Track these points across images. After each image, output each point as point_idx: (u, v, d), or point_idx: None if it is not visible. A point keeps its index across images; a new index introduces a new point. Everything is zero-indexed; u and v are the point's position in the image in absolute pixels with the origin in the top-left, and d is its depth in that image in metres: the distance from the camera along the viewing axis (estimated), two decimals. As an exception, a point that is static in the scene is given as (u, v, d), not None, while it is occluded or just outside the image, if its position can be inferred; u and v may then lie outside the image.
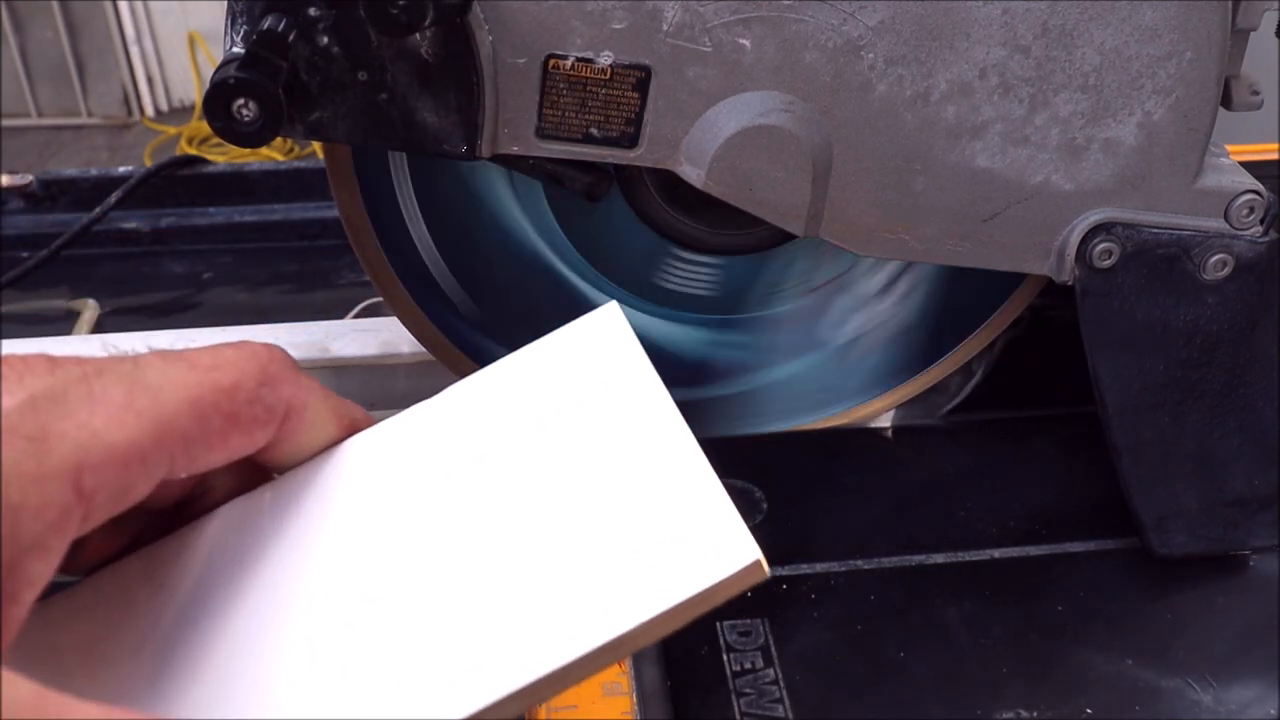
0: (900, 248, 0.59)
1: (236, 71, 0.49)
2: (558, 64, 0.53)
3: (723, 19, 0.52)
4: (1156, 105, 0.55)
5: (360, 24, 0.49)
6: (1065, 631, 0.59)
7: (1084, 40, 0.53)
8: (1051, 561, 0.64)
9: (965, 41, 0.53)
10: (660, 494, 0.35)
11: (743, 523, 0.34)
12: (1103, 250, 0.57)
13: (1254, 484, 0.62)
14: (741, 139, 0.54)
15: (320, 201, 1.01)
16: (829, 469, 0.71)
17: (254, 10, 0.49)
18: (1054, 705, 0.55)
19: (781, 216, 0.57)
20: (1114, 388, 0.60)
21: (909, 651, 0.58)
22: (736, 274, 0.69)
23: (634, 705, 0.51)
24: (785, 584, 0.61)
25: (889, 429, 0.74)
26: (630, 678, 0.53)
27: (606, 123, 0.54)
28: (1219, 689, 0.56)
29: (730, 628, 0.58)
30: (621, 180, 0.64)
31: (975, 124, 0.55)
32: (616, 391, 0.37)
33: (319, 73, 0.51)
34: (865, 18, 0.52)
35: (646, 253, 0.68)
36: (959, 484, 0.70)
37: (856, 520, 0.67)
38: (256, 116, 0.49)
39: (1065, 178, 0.56)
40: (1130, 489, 0.62)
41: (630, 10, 0.52)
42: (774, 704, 0.54)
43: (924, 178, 0.56)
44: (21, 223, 0.98)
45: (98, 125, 3.58)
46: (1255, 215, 0.58)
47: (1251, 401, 0.61)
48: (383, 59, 0.50)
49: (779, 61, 0.53)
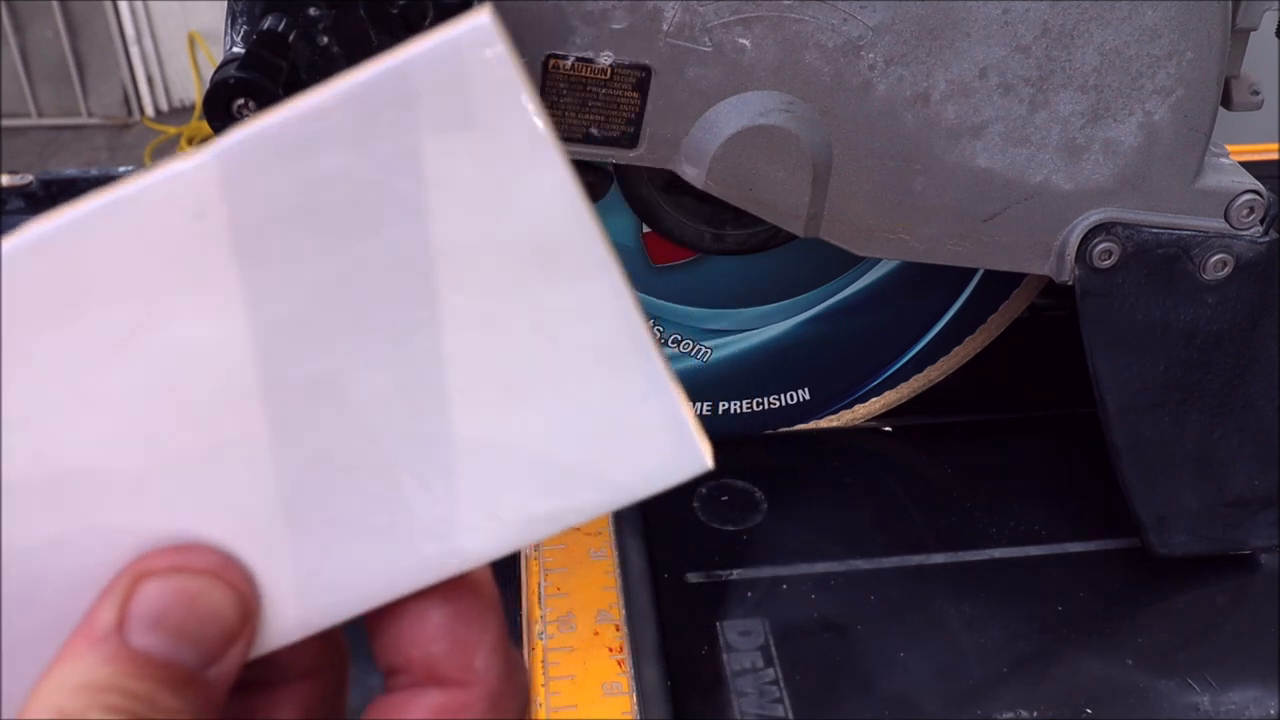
0: (900, 248, 0.59)
1: (236, 71, 0.49)
2: (558, 64, 0.53)
3: (723, 19, 0.52)
4: (1157, 105, 0.55)
5: (360, 24, 0.49)
6: (1065, 632, 0.59)
7: (1084, 40, 0.53)
8: (1051, 561, 0.64)
9: (965, 41, 0.53)
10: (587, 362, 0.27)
11: (689, 418, 0.28)
12: (1103, 250, 0.57)
13: (1254, 484, 0.62)
14: (741, 139, 0.54)
15: (320, 201, 1.01)
16: (829, 469, 0.71)
17: (254, 10, 0.49)
18: (1054, 705, 0.55)
19: (782, 217, 0.57)
20: (1114, 388, 0.60)
21: (909, 651, 0.58)
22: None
23: (634, 705, 0.51)
24: (785, 584, 0.61)
25: (889, 429, 0.74)
26: (630, 678, 0.53)
27: (606, 123, 0.54)
28: (1219, 689, 0.56)
29: (730, 628, 0.58)
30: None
31: (975, 124, 0.55)
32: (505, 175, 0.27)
33: (319, 73, 0.51)
34: (865, 18, 0.52)
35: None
36: (959, 484, 0.70)
37: (856, 520, 0.67)
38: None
39: (1065, 178, 0.56)
40: (1130, 489, 0.62)
41: (630, 10, 0.52)
42: (774, 704, 0.54)
43: (924, 178, 0.56)
44: (21, 223, 0.98)
45: (98, 125, 3.58)
46: (1255, 215, 0.58)
47: (1252, 401, 0.61)
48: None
49: (779, 61, 0.53)
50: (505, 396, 0.27)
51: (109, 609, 0.25)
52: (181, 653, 0.24)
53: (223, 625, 0.25)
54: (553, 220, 0.27)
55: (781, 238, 0.66)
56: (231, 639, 0.25)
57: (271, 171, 0.25)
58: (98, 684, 0.24)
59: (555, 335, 0.27)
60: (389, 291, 0.26)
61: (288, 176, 0.25)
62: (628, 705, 0.51)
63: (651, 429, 0.28)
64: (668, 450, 0.28)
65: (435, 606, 0.27)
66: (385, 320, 0.27)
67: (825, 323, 0.71)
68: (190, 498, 0.26)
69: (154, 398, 0.26)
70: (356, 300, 0.26)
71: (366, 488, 0.27)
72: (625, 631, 0.54)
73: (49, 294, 0.26)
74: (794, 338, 0.72)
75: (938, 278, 0.69)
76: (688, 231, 0.66)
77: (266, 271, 0.26)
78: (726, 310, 0.71)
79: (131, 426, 0.26)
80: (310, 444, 0.27)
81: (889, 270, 0.70)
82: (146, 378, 0.26)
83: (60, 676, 0.24)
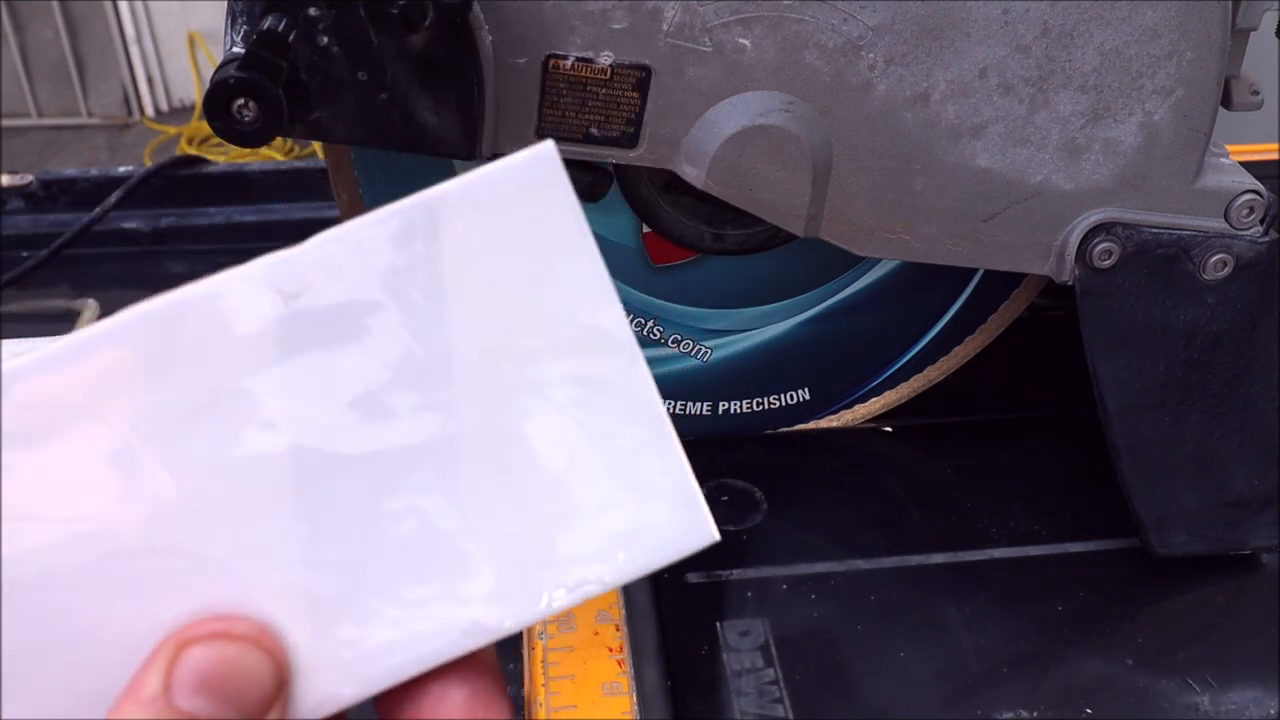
0: (900, 248, 0.59)
1: (236, 71, 0.49)
2: (558, 64, 0.53)
3: (723, 19, 0.52)
4: (1157, 105, 0.55)
5: (360, 24, 0.49)
6: (1065, 631, 0.59)
7: (1084, 40, 0.53)
8: (1051, 561, 0.64)
9: (965, 41, 0.53)
10: (607, 439, 0.29)
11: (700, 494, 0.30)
12: (1103, 250, 0.57)
13: (1254, 484, 0.62)
14: (741, 139, 0.54)
15: (320, 201, 1.01)
16: (829, 469, 0.71)
17: (254, 10, 0.49)
18: (1054, 705, 0.55)
19: (782, 217, 0.57)
20: (1114, 388, 0.60)
21: (909, 651, 0.58)
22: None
23: (634, 705, 0.51)
24: (785, 584, 0.61)
25: (889, 429, 0.74)
26: (630, 678, 0.53)
27: (607, 123, 0.54)
28: (1219, 689, 0.56)
29: (730, 628, 0.58)
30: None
31: (975, 124, 0.55)
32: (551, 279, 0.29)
33: (319, 73, 0.51)
34: (865, 18, 0.52)
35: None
36: (959, 484, 0.70)
37: (856, 520, 0.67)
38: (256, 116, 0.49)
39: (1065, 178, 0.56)
40: (1130, 489, 0.62)
41: (630, 10, 0.52)
42: (774, 704, 0.54)
43: (924, 178, 0.56)
44: (21, 223, 0.98)
45: (98, 125, 3.58)
46: (1255, 215, 0.58)
47: (1252, 401, 0.61)
48: (383, 59, 0.50)
49: (779, 61, 0.53)
50: (528, 474, 0.29)
51: (155, 675, 0.26)
52: (224, 714, 0.26)
53: (261, 689, 0.27)
54: (594, 317, 0.30)
55: (781, 238, 0.66)
56: (268, 703, 0.27)
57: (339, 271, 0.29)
58: None
59: (583, 419, 0.29)
60: (424, 377, 0.29)
61: (356, 272, 0.29)
62: (628, 705, 0.51)
63: (667, 505, 0.30)
64: (679, 524, 0.30)
65: (456, 685, 0.28)
66: (421, 400, 0.29)
67: (825, 323, 0.71)
68: (227, 572, 0.28)
69: (201, 475, 0.28)
70: (394, 383, 0.29)
71: (396, 563, 0.29)
72: (625, 631, 0.54)
73: (135, 365, 0.28)
74: (794, 338, 0.72)
75: (938, 278, 0.69)
76: (688, 231, 0.66)
77: (314, 361, 0.28)
78: (726, 310, 0.71)
79: (175, 504, 0.28)
80: (342, 520, 0.28)
81: (889, 270, 0.70)
82: (197, 456, 0.28)
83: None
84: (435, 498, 0.29)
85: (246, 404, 0.28)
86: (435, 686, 0.28)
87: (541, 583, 0.29)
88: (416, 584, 0.28)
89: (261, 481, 0.28)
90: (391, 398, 0.28)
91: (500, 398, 0.29)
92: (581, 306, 0.29)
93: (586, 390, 0.29)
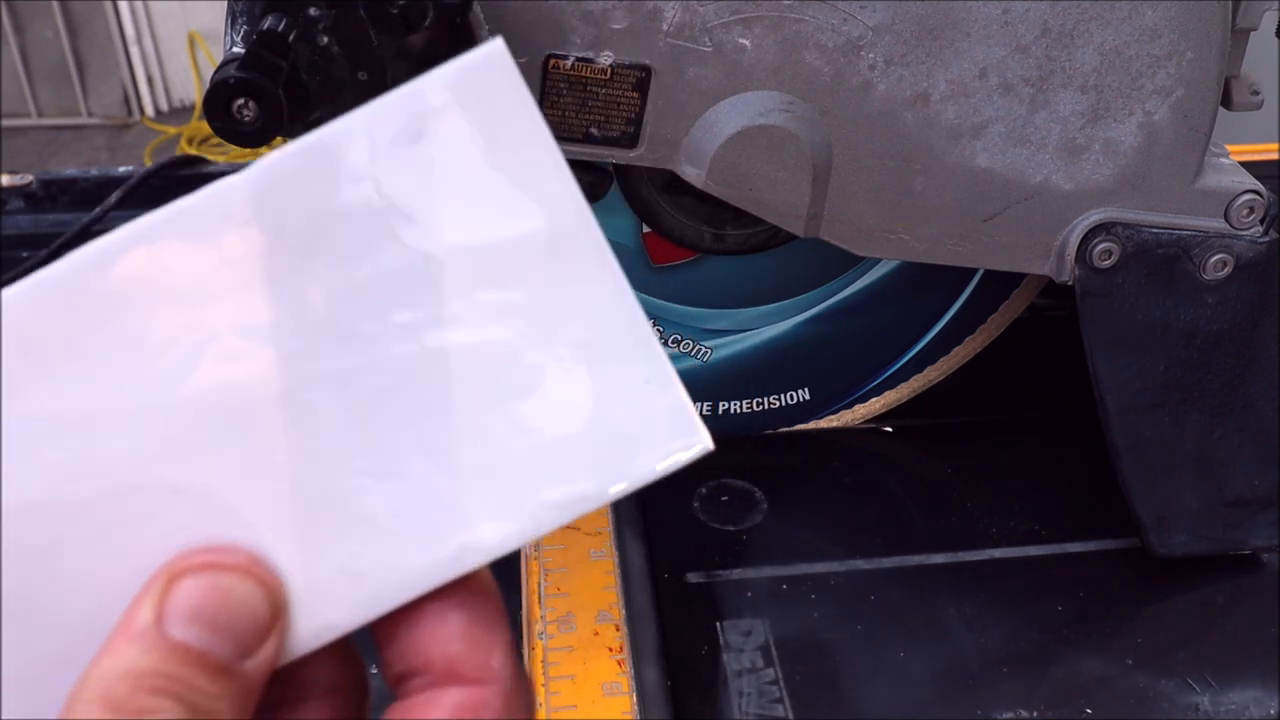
0: (900, 248, 0.59)
1: (236, 71, 0.49)
2: (558, 64, 0.53)
3: (723, 19, 0.52)
4: (1157, 105, 0.55)
5: (360, 24, 0.49)
6: (1065, 631, 0.59)
7: (1084, 40, 0.53)
8: (1051, 561, 0.64)
9: (965, 41, 0.53)
10: (587, 348, 0.28)
11: (688, 401, 0.29)
12: (1103, 250, 0.57)
13: (1254, 484, 0.62)
14: (741, 139, 0.54)
15: (320, 202, 1.01)
16: (829, 469, 0.71)
17: (254, 10, 0.49)
18: (1054, 705, 0.55)
19: (782, 217, 0.57)
20: (1114, 388, 0.60)
21: (909, 651, 0.58)
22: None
23: (634, 705, 0.51)
24: (785, 584, 0.61)
25: (889, 429, 0.74)
26: (630, 678, 0.53)
27: (607, 123, 0.54)
28: (1219, 689, 0.56)
29: (730, 628, 0.58)
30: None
31: (975, 124, 0.55)
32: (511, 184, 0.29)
33: (319, 73, 0.51)
34: (865, 18, 0.52)
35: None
36: (959, 484, 0.70)
37: (856, 520, 0.67)
38: (256, 116, 0.49)
39: (1065, 178, 0.56)
40: (1130, 489, 0.62)
41: (630, 10, 0.52)
42: (774, 704, 0.54)
43: (924, 178, 0.56)
44: (21, 223, 0.98)
45: (98, 125, 3.58)
46: (1255, 215, 0.58)
47: (1252, 401, 0.61)
48: (383, 59, 0.50)
49: (779, 61, 0.53)
50: (513, 388, 0.28)
51: (147, 606, 0.26)
52: (217, 644, 0.25)
53: (255, 619, 0.26)
54: (557, 220, 0.29)
55: (781, 238, 0.66)
56: (263, 633, 0.26)
57: (300, 186, 0.28)
58: (141, 671, 0.25)
59: (558, 327, 0.28)
60: (402, 293, 0.28)
61: (315, 189, 0.28)
62: (628, 705, 0.51)
63: (654, 413, 0.29)
64: (671, 433, 0.29)
65: (454, 609, 0.28)
66: (400, 319, 0.28)
67: (825, 323, 0.71)
68: (218, 503, 0.27)
69: (187, 405, 0.27)
70: (372, 302, 0.28)
71: (385, 486, 0.28)
72: (625, 631, 0.54)
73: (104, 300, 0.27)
74: (794, 338, 0.72)
75: (938, 278, 0.69)
76: (688, 231, 0.66)
77: (291, 279, 0.28)
78: (726, 310, 0.71)
79: (164, 435, 0.27)
80: (331, 444, 0.28)
81: (889, 270, 0.70)
82: (181, 385, 0.27)
83: (103, 668, 0.25)
84: (422, 418, 0.28)
85: (226, 326, 0.27)
86: (432, 611, 0.28)
87: (533, 501, 0.28)
88: (407, 507, 0.28)
89: (247, 409, 0.27)
90: (379, 313, 0.28)
91: (479, 312, 0.28)
92: (547, 209, 0.29)
93: (562, 299, 0.29)
